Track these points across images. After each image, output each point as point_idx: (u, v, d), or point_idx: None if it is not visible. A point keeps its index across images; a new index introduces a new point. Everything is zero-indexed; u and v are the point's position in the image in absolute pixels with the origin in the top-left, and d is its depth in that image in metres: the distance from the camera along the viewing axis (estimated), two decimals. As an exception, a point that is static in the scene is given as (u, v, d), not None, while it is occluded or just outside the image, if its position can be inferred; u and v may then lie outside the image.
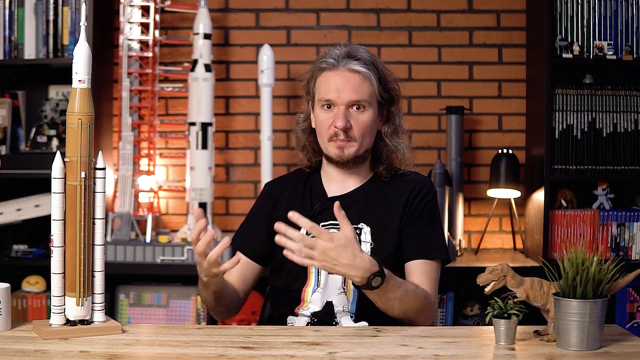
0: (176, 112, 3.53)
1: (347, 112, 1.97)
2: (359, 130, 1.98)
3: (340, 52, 2.00)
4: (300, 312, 1.98)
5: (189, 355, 1.56)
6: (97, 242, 1.72)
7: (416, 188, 2.04)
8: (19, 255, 3.26)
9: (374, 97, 1.99)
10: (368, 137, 2.01)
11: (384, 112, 2.05)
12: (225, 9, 3.52)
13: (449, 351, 1.61)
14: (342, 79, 1.97)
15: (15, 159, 3.24)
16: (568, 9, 3.20)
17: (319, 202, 2.06)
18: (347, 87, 1.96)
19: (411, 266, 1.99)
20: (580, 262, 1.59)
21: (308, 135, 2.10)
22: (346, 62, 1.97)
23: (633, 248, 3.21)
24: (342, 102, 1.97)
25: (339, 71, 1.98)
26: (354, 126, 1.97)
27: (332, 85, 1.98)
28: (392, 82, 2.04)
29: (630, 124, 3.22)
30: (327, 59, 2.00)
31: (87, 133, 1.67)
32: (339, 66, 1.98)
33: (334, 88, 1.97)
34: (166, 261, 3.17)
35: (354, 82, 1.97)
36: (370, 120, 1.99)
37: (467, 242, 3.51)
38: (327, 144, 2.01)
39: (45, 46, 3.21)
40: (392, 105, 2.05)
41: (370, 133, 2.01)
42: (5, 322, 1.72)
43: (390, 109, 2.05)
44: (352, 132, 1.98)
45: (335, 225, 1.97)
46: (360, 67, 1.97)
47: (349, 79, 1.97)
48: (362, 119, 1.98)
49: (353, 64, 1.97)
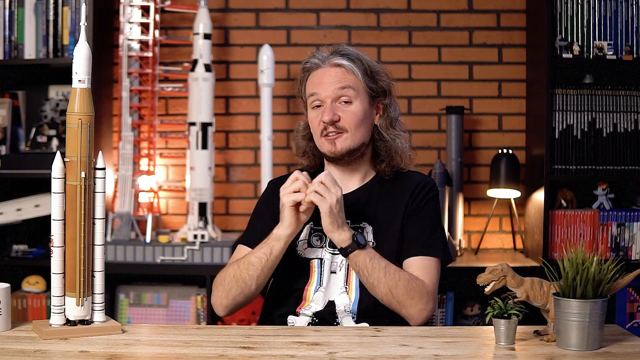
0: (176, 112, 3.53)
1: (333, 106, 2.00)
2: (348, 122, 1.99)
3: (325, 52, 2.05)
4: (301, 312, 1.98)
5: (189, 355, 1.56)
6: (97, 242, 1.72)
7: (418, 187, 2.05)
8: (19, 255, 3.26)
9: (360, 89, 2.01)
10: (361, 129, 2.01)
11: (379, 106, 2.06)
12: (225, 9, 3.52)
13: (449, 351, 1.61)
14: (327, 76, 2.01)
15: (15, 159, 3.24)
16: (568, 9, 3.20)
17: None
18: (330, 81, 2.00)
19: (409, 262, 1.99)
20: (580, 262, 1.59)
21: (308, 141, 2.11)
22: (330, 59, 2.03)
23: (633, 248, 3.21)
24: (327, 97, 2.00)
25: (324, 69, 2.03)
26: (343, 118, 1.99)
27: (316, 81, 2.02)
28: (380, 73, 2.05)
29: (630, 124, 3.22)
30: (311, 59, 2.06)
31: (87, 133, 1.67)
32: (323, 65, 2.03)
33: (318, 83, 2.01)
34: (166, 261, 3.17)
35: (337, 77, 2.00)
36: (359, 111, 2.00)
37: (467, 242, 3.52)
38: (320, 141, 2.03)
39: (45, 46, 3.21)
40: (384, 97, 2.06)
41: (363, 125, 2.02)
42: (5, 322, 1.72)
43: (383, 101, 2.06)
44: (341, 124, 1.99)
45: None
46: (342, 61, 2.01)
47: (332, 75, 2.01)
48: (351, 110, 2.00)
49: (336, 59, 2.02)
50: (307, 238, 2.02)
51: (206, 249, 3.17)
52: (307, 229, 2.03)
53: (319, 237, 2.01)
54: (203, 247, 3.17)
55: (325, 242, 2.01)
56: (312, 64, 2.04)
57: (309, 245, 2.02)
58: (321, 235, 2.01)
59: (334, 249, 1.99)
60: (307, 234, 2.03)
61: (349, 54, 2.02)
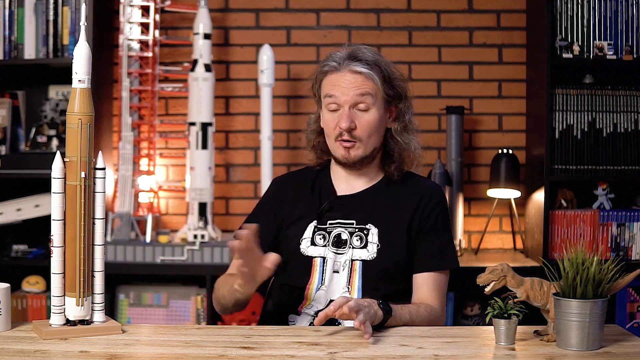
0: (176, 112, 3.53)
1: (351, 113, 1.97)
2: (363, 131, 1.98)
3: (342, 54, 2.01)
4: (303, 311, 1.98)
5: (189, 355, 1.56)
6: (97, 242, 1.72)
7: (426, 196, 2.04)
8: (19, 255, 3.26)
9: (378, 96, 1.99)
10: (374, 136, 2.01)
11: (393, 110, 2.05)
12: (225, 9, 3.52)
13: (449, 351, 1.61)
14: (345, 81, 1.98)
15: (15, 159, 3.24)
16: (568, 9, 3.20)
17: (327, 199, 2.06)
18: (350, 88, 1.97)
19: (421, 279, 2.00)
20: (580, 262, 1.59)
21: (317, 135, 2.10)
22: (348, 64, 1.98)
23: (633, 248, 3.21)
24: (345, 102, 1.97)
25: (342, 73, 1.99)
26: (359, 126, 1.98)
27: (335, 87, 1.99)
28: (398, 79, 2.04)
29: (630, 124, 3.22)
30: (329, 61, 2.01)
31: (87, 133, 1.67)
32: (341, 68, 1.99)
33: (337, 90, 1.98)
34: (166, 261, 3.17)
35: (357, 83, 1.97)
36: (375, 119, 1.99)
37: (467, 242, 3.52)
38: (334, 145, 2.02)
39: (45, 46, 3.21)
40: (400, 101, 2.05)
41: (377, 132, 2.01)
42: (5, 322, 1.72)
43: (398, 105, 2.05)
44: (357, 133, 1.98)
45: (342, 224, 2.00)
46: (362, 68, 1.97)
47: (351, 80, 1.97)
48: (367, 119, 1.98)
49: (355, 65, 1.98)
50: (311, 237, 2.02)
51: (206, 249, 3.17)
52: (311, 228, 2.03)
53: (323, 236, 2.02)
54: (203, 247, 3.17)
55: (329, 241, 2.01)
56: (330, 67, 2.00)
57: (312, 244, 2.02)
58: (324, 234, 2.01)
59: (337, 248, 1.99)
60: (311, 233, 2.03)
61: (367, 59, 1.99)
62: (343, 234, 2.00)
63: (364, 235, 1.98)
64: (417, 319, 1.90)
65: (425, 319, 1.92)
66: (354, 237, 1.99)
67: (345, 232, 2.00)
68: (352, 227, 2.00)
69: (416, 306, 1.94)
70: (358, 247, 1.98)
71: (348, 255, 1.98)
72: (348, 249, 1.99)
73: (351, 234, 1.99)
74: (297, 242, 2.01)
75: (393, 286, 1.98)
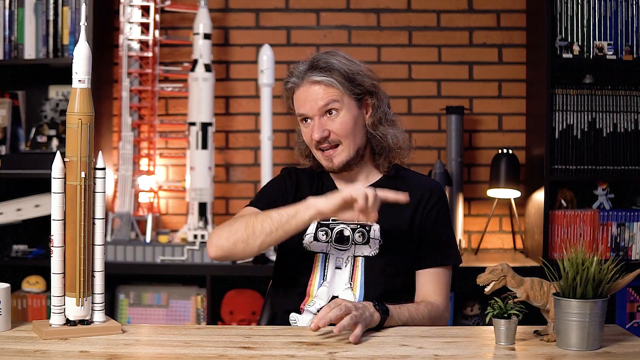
0: (176, 112, 3.53)
1: (321, 122, 2.00)
2: (339, 133, 2.00)
3: (303, 67, 2.03)
4: (305, 308, 1.98)
5: (189, 355, 1.56)
6: (97, 242, 1.72)
7: (426, 193, 2.05)
8: (19, 255, 3.26)
9: (344, 98, 2.00)
10: (353, 136, 2.02)
11: (366, 105, 2.05)
12: (225, 9, 3.52)
13: (449, 351, 1.61)
14: (308, 94, 2.00)
15: (15, 159, 3.24)
16: (568, 9, 3.20)
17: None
18: (314, 101, 1.99)
19: (424, 275, 2.02)
20: (580, 262, 1.59)
21: (306, 147, 2.13)
22: (308, 76, 2.01)
23: (633, 248, 3.21)
24: (314, 115, 2.00)
25: (304, 87, 2.01)
26: (332, 131, 2.00)
27: (302, 104, 2.02)
28: (361, 75, 2.03)
29: (630, 124, 3.22)
30: (290, 77, 2.04)
31: (87, 133, 1.67)
32: (302, 83, 2.02)
33: (304, 106, 2.01)
34: (166, 261, 3.17)
35: (319, 93, 1.99)
36: (346, 120, 2.00)
37: (467, 242, 3.52)
38: (318, 155, 2.06)
39: (45, 46, 3.21)
40: (371, 96, 2.05)
41: (355, 132, 2.02)
42: (5, 322, 1.72)
43: (370, 100, 2.05)
44: (332, 137, 2.00)
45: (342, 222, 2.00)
46: (320, 77, 1.99)
47: (313, 92, 2.00)
48: (339, 122, 2.00)
49: (313, 76, 2.00)
50: (314, 232, 2.03)
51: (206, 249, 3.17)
52: (313, 224, 2.03)
53: (325, 232, 2.02)
54: (203, 247, 3.17)
55: (332, 237, 2.01)
56: (292, 83, 2.03)
57: (315, 240, 2.02)
58: (327, 231, 2.02)
59: (340, 244, 2.00)
60: (314, 229, 2.03)
61: (323, 67, 2.00)
62: (345, 231, 2.00)
63: (366, 231, 1.99)
64: (418, 317, 1.90)
65: (427, 316, 1.92)
66: (356, 233, 2.00)
67: (347, 228, 2.01)
68: (354, 224, 2.00)
69: (416, 305, 1.94)
70: (360, 243, 1.99)
71: (350, 252, 1.99)
72: (350, 245, 1.99)
73: (353, 230, 2.00)
74: (300, 237, 2.01)
75: (395, 282, 1.99)
